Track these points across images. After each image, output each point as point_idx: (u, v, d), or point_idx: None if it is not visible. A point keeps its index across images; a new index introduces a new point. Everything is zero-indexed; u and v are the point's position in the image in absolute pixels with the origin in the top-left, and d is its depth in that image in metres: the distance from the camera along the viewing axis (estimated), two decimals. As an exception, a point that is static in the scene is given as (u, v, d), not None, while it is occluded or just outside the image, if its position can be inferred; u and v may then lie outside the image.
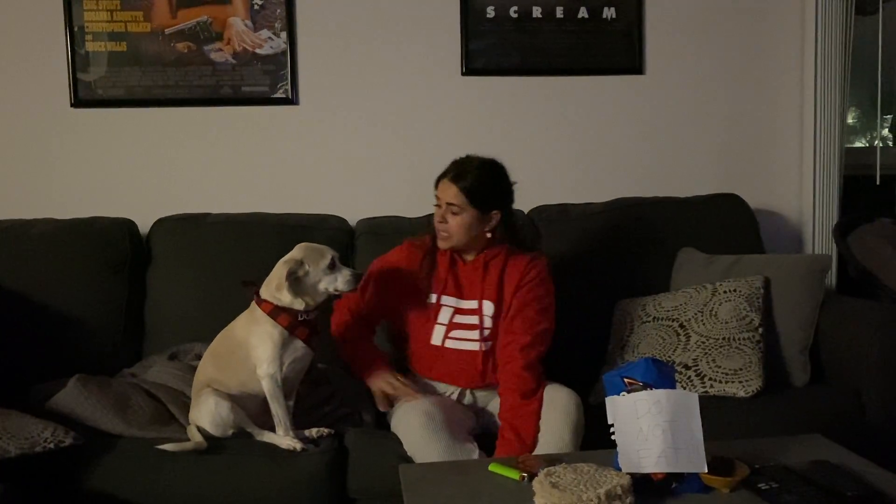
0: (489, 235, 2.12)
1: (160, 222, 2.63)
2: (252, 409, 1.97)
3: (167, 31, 2.75)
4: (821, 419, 2.04)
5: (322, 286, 1.94)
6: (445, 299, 2.13)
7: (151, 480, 1.89)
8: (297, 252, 1.95)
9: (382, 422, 2.10)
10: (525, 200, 2.78)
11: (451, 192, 2.08)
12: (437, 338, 2.12)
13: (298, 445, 1.91)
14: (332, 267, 1.93)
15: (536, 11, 2.86)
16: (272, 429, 1.96)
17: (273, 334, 1.91)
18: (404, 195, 2.87)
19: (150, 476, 1.89)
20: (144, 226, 2.64)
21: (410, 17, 2.85)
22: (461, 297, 2.14)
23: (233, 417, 1.93)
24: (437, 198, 2.11)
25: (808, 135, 2.92)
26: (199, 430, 1.94)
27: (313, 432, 2.00)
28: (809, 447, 1.68)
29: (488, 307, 2.11)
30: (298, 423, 2.00)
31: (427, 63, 2.87)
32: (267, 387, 1.92)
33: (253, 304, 1.98)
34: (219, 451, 1.93)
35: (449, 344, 2.11)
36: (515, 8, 2.85)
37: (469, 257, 2.16)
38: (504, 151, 2.91)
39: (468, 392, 2.15)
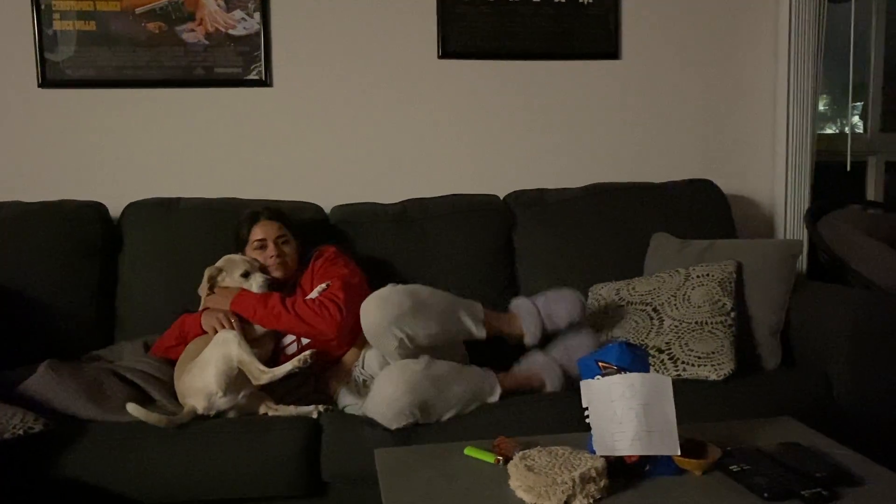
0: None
1: (132, 206, 2.59)
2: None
3: (137, 10, 2.69)
4: (791, 401, 2.07)
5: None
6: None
7: (124, 464, 1.87)
8: (219, 262, 2.26)
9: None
10: (501, 185, 2.80)
11: (276, 227, 2.33)
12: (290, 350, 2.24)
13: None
14: (246, 275, 2.21)
15: (513, -5, 2.85)
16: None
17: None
18: (380, 180, 2.86)
19: (122, 460, 1.87)
20: (115, 210, 2.59)
21: (386, -1, 2.82)
22: None
23: (238, 349, 1.97)
24: (261, 239, 2.30)
25: (780, 121, 2.95)
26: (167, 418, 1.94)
27: (311, 408, 2.03)
28: (780, 429, 1.71)
29: None
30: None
31: (403, 45, 2.84)
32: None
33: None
34: (192, 434, 1.91)
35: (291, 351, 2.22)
36: (492, -9, 2.84)
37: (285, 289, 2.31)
38: (480, 135, 2.93)
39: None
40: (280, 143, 2.83)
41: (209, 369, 1.96)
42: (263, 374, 1.95)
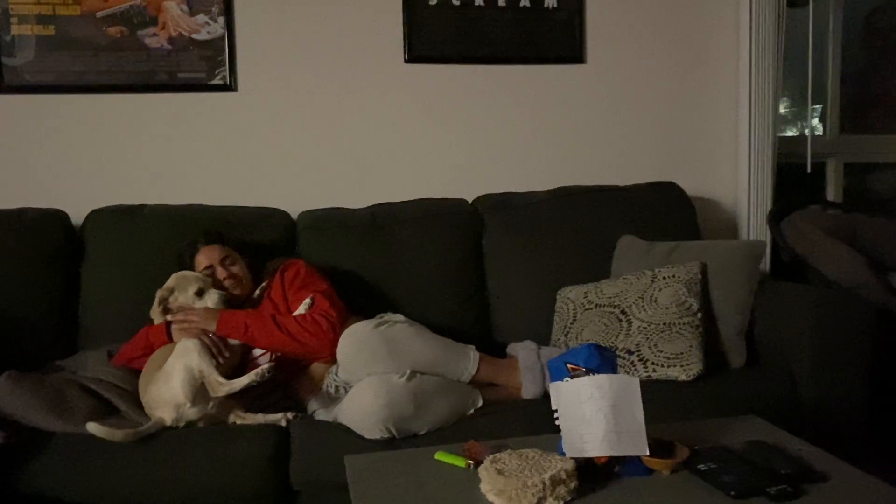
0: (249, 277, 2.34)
1: (94, 214, 2.54)
2: None
3: (98, 14, 2.65)
4: (756, 400, 2.10)
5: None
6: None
7: (89, 477, 1.83)
8: (170, 281, 2.21)
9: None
10: (469, 189, 2.81)
11: (217, 250, 2.29)
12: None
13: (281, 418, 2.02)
14: (200, 292, 2.17)
15: (479, -1, 2.86)
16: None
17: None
18: (347, 185, 2.84)
19: (87, 473, 1.84)
20: (77, 217, 2.55)
21: (353, 3, 2.81)
22: None
23: (198, 359, 1.95)
24: (208, 266, 2.26)
25: (742, 124, 3.00)
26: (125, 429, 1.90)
27: (279, 416, 2.02)
28: (746, 428, 1.73)
29: None
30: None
31: (369, 50, 2.84)
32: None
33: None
34: (159, 444, 1.89)
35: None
36: (458, -5, 2.85)
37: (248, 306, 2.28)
38: (447, 139, 2.93)
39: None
40: (245, 148, 2.80)
41: (174, 380, 1.93)
42: (221, 387, 1.93)
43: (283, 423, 1.99)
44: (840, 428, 2.17)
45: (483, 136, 2.94)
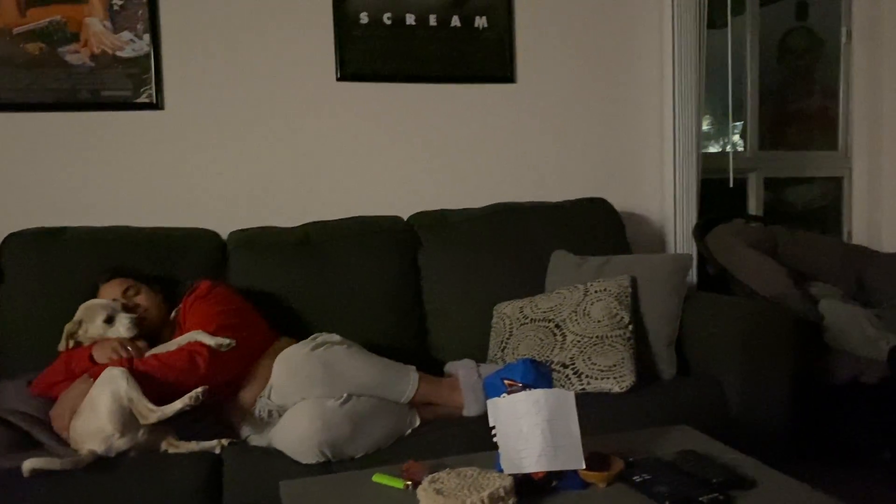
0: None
1: (12, 237, 2.43)
2: None
3: (15, 30, 2.56)
4: (687, 410, 2.14)
5: (108, 336, 2.11)
6: None
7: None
8: (77, 314, 2.14)
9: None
10: (404, 207, 2.81)
11: (117, 283, 2.23)
12: None
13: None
14: (109, 320, 2.11)
15: (410, 18, 2.87)
16: None
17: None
18: (280, 204, 2.80)
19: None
20: (-6, 241, 2.44)
21: (282, 20, 2.79)
22: None
23: (126, 385, 1.87)
24: (114, 300, 2.18)
25: (667, 141, 3.09)
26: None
27: (214, 443, 1.95)
28: (678, 437, 1.77)
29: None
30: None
31: (301, 68, 2.82)
32: None
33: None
34: (86, 476, 1.81)
35: None
36: (389, 14, 2.85)
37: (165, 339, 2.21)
38: (381, 157, 2.93)
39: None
40: (173, 167, 2.73)
41: (100, 410, 1.86)
42: (152, 413, 1.86)
43: (218, 451, 1.94)
44: (767, 434, 2.24)
45: (417, 153, 2.95)
